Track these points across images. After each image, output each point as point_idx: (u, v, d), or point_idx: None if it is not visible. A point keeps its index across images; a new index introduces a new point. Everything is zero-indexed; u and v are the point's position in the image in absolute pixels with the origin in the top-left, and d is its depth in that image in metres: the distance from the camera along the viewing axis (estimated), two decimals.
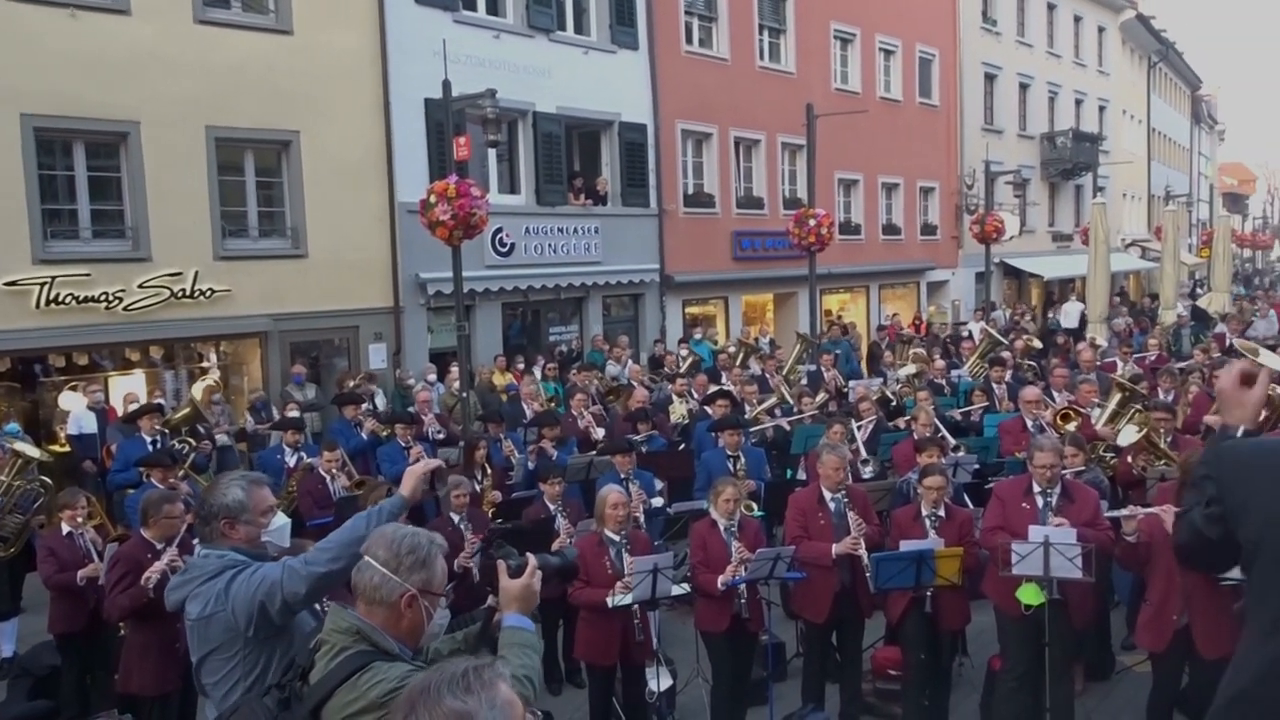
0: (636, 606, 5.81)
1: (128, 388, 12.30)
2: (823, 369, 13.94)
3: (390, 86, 14.39)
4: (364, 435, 10.09)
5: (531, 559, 2.90)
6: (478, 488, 8.45)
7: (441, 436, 10.68)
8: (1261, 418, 7.40)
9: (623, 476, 7.98)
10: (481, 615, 3.04)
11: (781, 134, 20.96)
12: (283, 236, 13.76)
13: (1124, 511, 5.84)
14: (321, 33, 13.67)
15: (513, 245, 16.01)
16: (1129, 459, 7.96)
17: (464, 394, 11.29)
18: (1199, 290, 31.52)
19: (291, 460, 9.26)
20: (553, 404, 12.11)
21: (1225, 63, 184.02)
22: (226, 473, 3.82)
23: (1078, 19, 33.80)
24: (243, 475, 3.49)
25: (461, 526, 6.78)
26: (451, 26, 14.90)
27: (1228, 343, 14.11)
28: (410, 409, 11.32)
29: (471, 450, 8.92)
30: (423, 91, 14.38)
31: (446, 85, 11.73)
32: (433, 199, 10.66)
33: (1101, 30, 35.57)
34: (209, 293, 12.67)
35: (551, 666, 7.06)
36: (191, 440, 9.49)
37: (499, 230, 15.59)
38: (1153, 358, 14.37)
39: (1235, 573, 2.47)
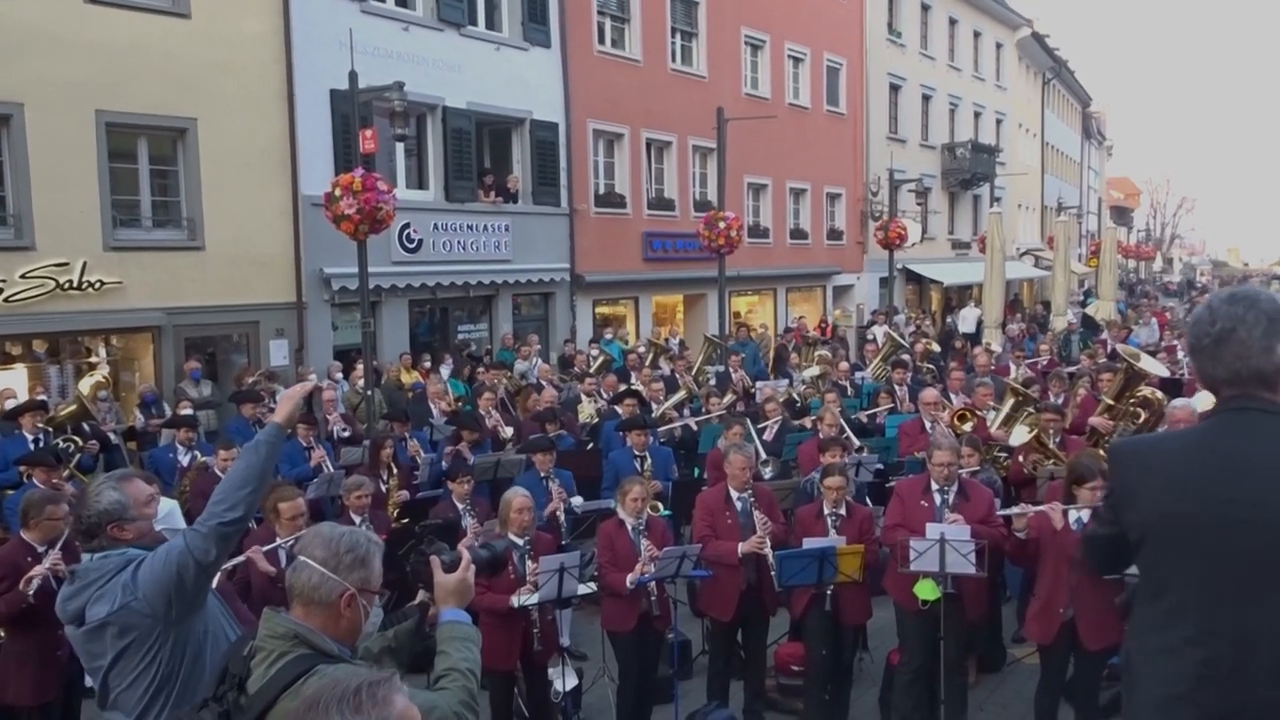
0: (536, 609, 5.77)
1: (7, 383, 11.68)
2: (730, 370, 14.09)
3: (294, 76, 14.01)
4: None
5: (465, 553, 2.89)
6: (383, 487, 8.31)
7: (346, 434, 10.45)
8: (1141, 419, 7.74)
9: (543, 475, 7.94)
10: (414, 612, 3.00)
11: (693, 136, 21.15)
12: (178, 227, 13.28)
13: (1015, 509, 6.05)
14: (222, 18, 13.23)
15: (421, 241, 15.77)
16: (1020, 458, 8.27)
17: (368, 392, 11.07)
18: (1087, 299, 32.92)
19: (185, 459, 8.95)
20: (460, 403, 11.95)
21: (1113, 82, 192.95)
22: (91, 481, 3.65)
23: (977, 34, 34.99)
24: (107, 476, 3.35)
25: (364, 527, 6.64)
26: (359, 17, 14.60)
27: (1110, 348, 14.74)
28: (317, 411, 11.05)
29: (377, 449, 8.75)
30: (328, 82, 14.06)
31: (353, 76, 11.50)
32: (338, 192, 10.43)
33: (999, 46, 36.88)
34: (98, 284, 12.14)
35: None
36: (77, 439, 9.07)
37: (407, 226, 15.33)
38: (1044, 362, 14.92)
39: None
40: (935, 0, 31.68)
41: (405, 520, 7.86)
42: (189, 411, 10.47)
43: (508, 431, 10.22)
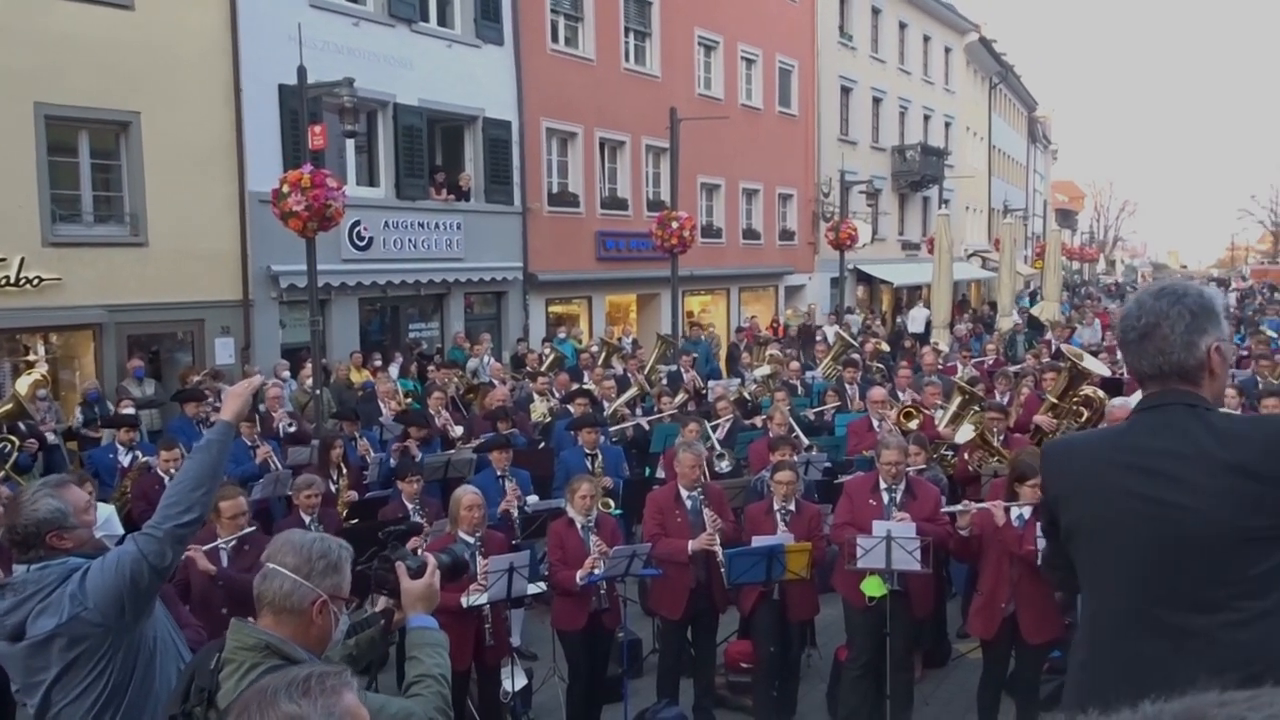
0: (488, 607, 5.76)
1: None
2: (682, 369, 14.14)
3: (241, 70, 13.79)
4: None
5: (430, 558, 2.88)
6: (333, 487, 8.22)
7: (293, 431, 10.32)
8: (1084, 417, 7.89)
9: (499, 474, 7.93)
10: (376, 619, 2.97)
11: (646, 136, 21.18)
12: (121, 223, 13.00)
13: (958, 507, 6.17)
14: (166, 9, 12.97)
15: (371, 239, 15.61)
16: (965, 456, 8.42)
17: (317, 391, 10.94)
18: (1033, 299, 33.53)
19: (126, 460, 8.76)
20: (409, 400, 11.85)
21: (1058, 87, 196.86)
22: (21, 489, 3.54)
23: (927, 39, 35.47)
24: (42, 482, 3.25)
25: (312, 526, 6.57)
26: (308, 11, 14.41)
27: (1054, 348, 15.04)
28: (262, 406, 10.89)
29: (326, 449, 8.66)
30: (277, 77, 13.85)
31: (302, 71, 11.35)
32: (286, 189, 10.30)
33: (948, 51, 37.43)
34: (36, 281, 11.85)
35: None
36: (13, 439, 8.84)
37: (357, 223, 15.17)
38: (990, 362, 15.19)
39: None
40: (885, 4, 32.06)
41: (355, 520, 7.78)
42: (130, 411, 10.27)
43: (457, 430, 10.16)
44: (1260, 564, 2.23)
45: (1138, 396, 8.80)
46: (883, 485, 6.34)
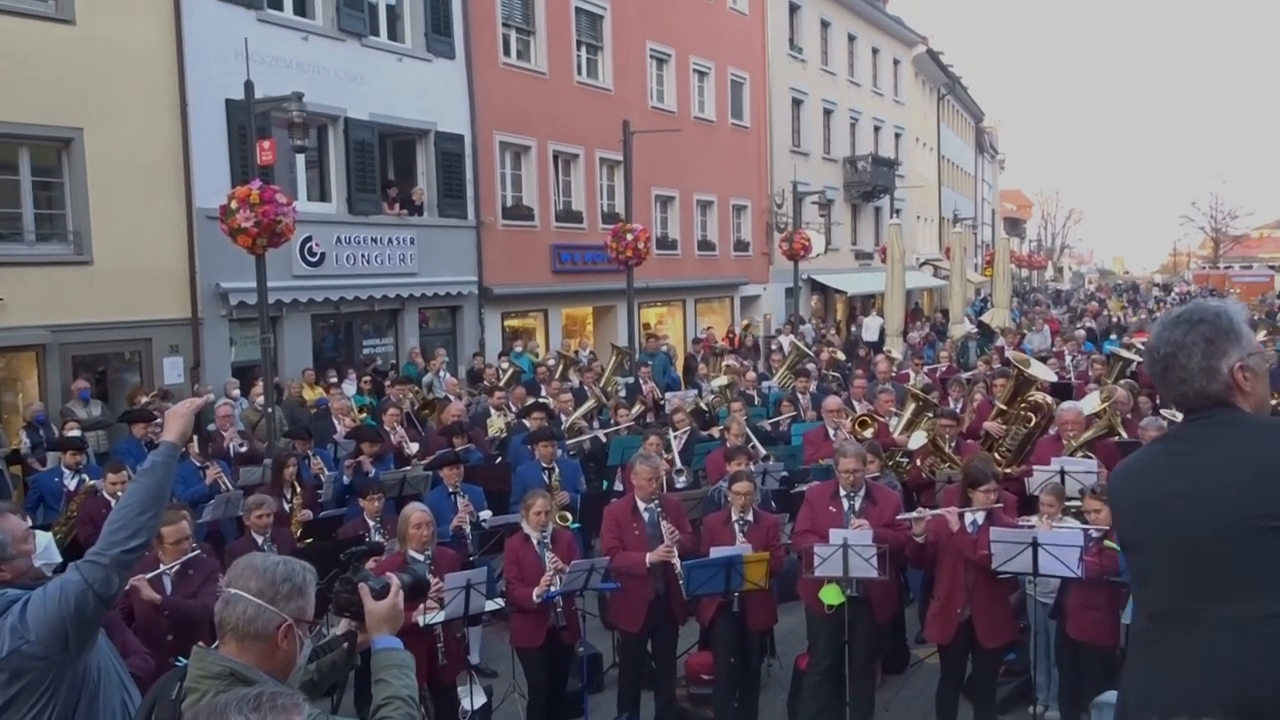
0: (439, 626, 5.69)
1: None
2: (641, 381, 14.15)
3: (187, 85, 13.59)
4: None
5: (393, 578, 2.85)
6: (286, 506, 8.09)
7: (245, 450, 10.15)
8: (1032, 423, 7.98)
9: (451, 490, 7.87)
10: (339, 643, 2.92)
11: (600, 149, 21.21)
12: (64, 241, 12.72)
13: (913, 514, 6.24)
14: (108, 24, 12.75)
15: (323, 255, 15.44)
16: (918, 462, 8.51)
17: (268, 409, 10.79)
18: (984, 307, 34.06)
19: (72, 483, 8.55)
20: (364, 416, 11.72)
21: (1004, 98, 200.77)
22: None
23: (875, 51, 35.98)
24: None
25: (265, 547, 6.47)
26: (255, 25, 14.24)
27: (1005, 354, 15.28)
28: (211, 425, 10.71)
29: (279, 468, 8.52)
30: (223, 92, 13.68)
31: (249, 86, 11.22)
32: (234, 205, 10.18)
33: (897, 63, 38.00)
34: None
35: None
36: None
37: (308, 239, 15.00)
38: (943, 369, 15.39)
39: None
40: (834, 17, 32.47)
41: (309, 540, 7.67)
42: (76, 433, 10.04)
43: (413, 447, 10.07)
44: None
45: (1088, 401, 8.98)
46: (842, 492, 6.39)
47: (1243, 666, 2.24)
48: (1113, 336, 21.47)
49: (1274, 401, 10.12)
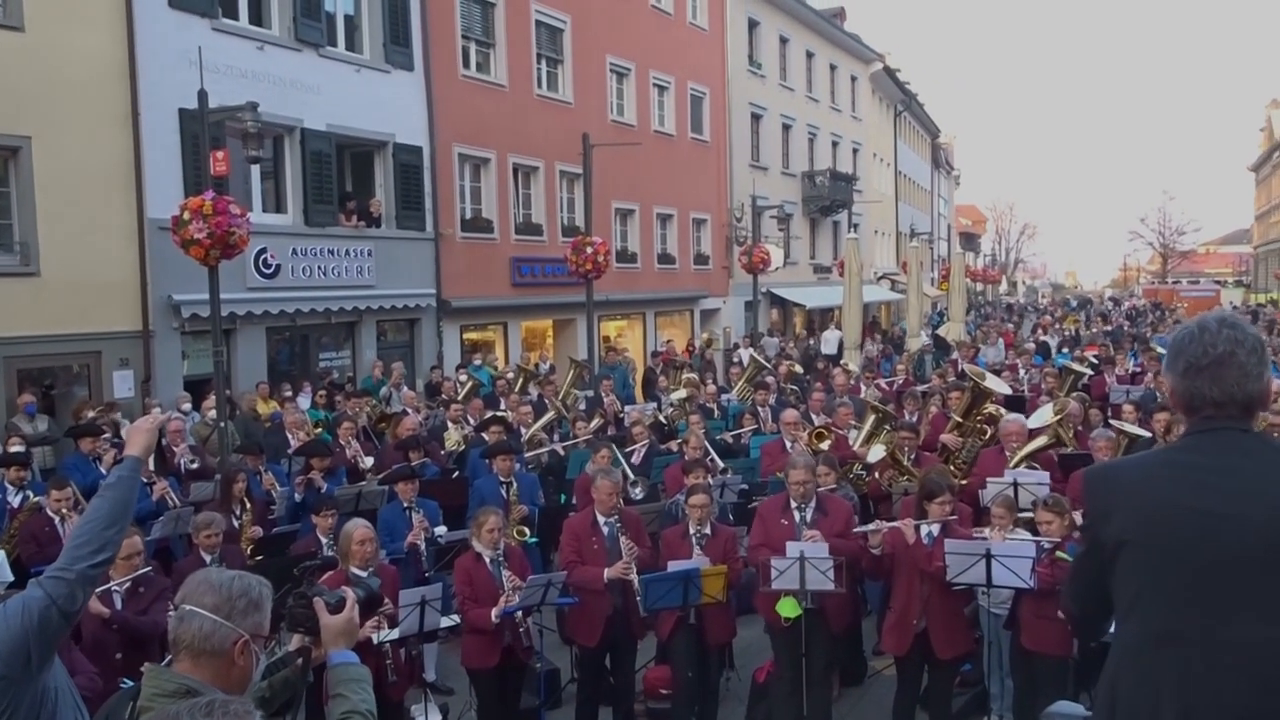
0: (389, 644, 5.61)
1: None
2: (603, 394, 14.11)
3: (139, 94, 13.37)
4: (103, 470, 9.23)
5: (349, 592, 2.82)
6: (236, 523, 7.95)
7: (195, 467, 9.96)
8: (988, 435, 8.03)
9: (405, 505, 7.78)
10: (293, 658, 2.86)
11: (560, 162, 21.21)
12: (10, 252, 12.43)
13: (870, 526, 6.27)
14: (59, 32, 12.52)
15: (279, 267, 15.24)
16: (877, 475, 8.57)
17: (221, 423, 10.60)
18: (940, 320, 34.48)
19: (15, 500, 8.33)
20: (319, 431, 11.56)
21: (959, 115, 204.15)
22: None
23: (833, 67, 36.41)
24: None
25: (215, 565, 6.34)
26: (209, 34, 14.06)
27: (960, 368, 15.46)
28: (162, 440, 10.48)
29: (229, 483, 8.37)
30: (177, 101, 13.48)
31: (202, 96, 11.08)
32: (186, 216, 10.03)
33: (854, 79, 38.48)
34: None
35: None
36: None
37: (263, 251, 14.81)
38: (900, 382, 15.54)
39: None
40: (793, 34, 32.82)
41: (260, 558, 7.54)
42: (20, 448, 9.78)
43: (367, 461, 9.95)
44: None
45: (1046, 413, 9.05)
46: (793, 505, 6.41)
47: (1254, 688, 2.23)
48: (1064, 350, 21.85)
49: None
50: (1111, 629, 2.58)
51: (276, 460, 10.01)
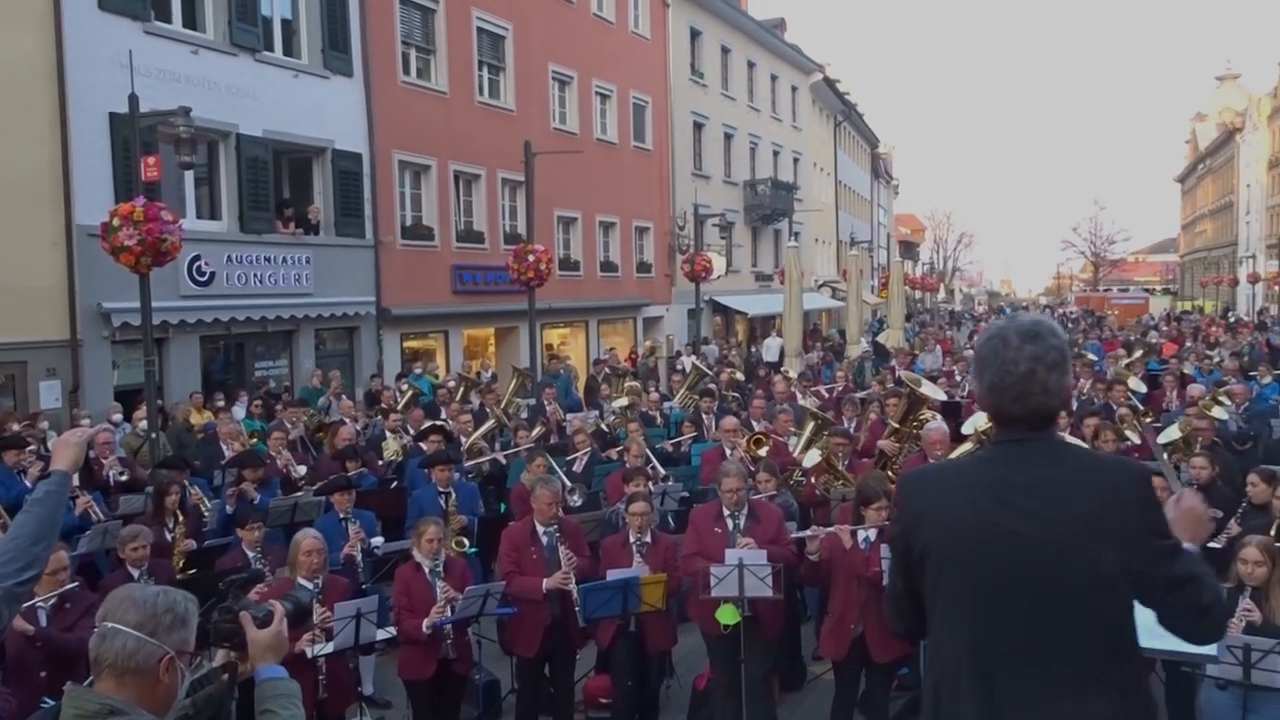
0: (322, 659, 5.52)
1: None
2: (545, 402, 14.07)
3: (68, 97, 13.03)
4: (28, 484, 8.94)
5: (278, 605, 2.77)
6: (169, 536, 7.76)
7: (124, 479, 9.69)
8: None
9: (341, 516, 7.67)
10: (217, 675, 2.79)
11: (502, 170, 21.12)
12: None
13: (807, 532, 6.33)
14: None
15: (213, 274, 14.94)
16: (812, 481, 8.66)
17: (152, 434, 10.35)
18: (880, 327, 34.98)
19: None
20: (254, 441, 11.35)
21: (899, 126, 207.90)
22: None
23: (774, 78, 36.81)
24: None
25: (141, 581, 6.19)
26: (141, 37, 13.77)
27: (897, 374, 15.70)
28: (92, 452, 10.19)
29: (161, 496, 8.16)
30: (107, 105, 13.17)
31: (133, 100, 10.83)
32: (116, 222, 9.80)
33: (795, 90, 38.95)
34: None
35: None
36: None
37: (197, 258, 14.51)
38: (840, 389, 15.73)
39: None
40: (734, 44, 33.12)
41: (193, 571, 7.37)
42: None
43: (300, 470, 9.78)
44: (1107, 611, 2.29)
45: (980, 419, 9.19)
46: (726, 512, 6.45)
47: (1068, 708, 2.27)
48: None
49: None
50: None
51: (210, 472, 9.80)
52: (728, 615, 6.03)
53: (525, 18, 22.30)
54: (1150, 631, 2.45)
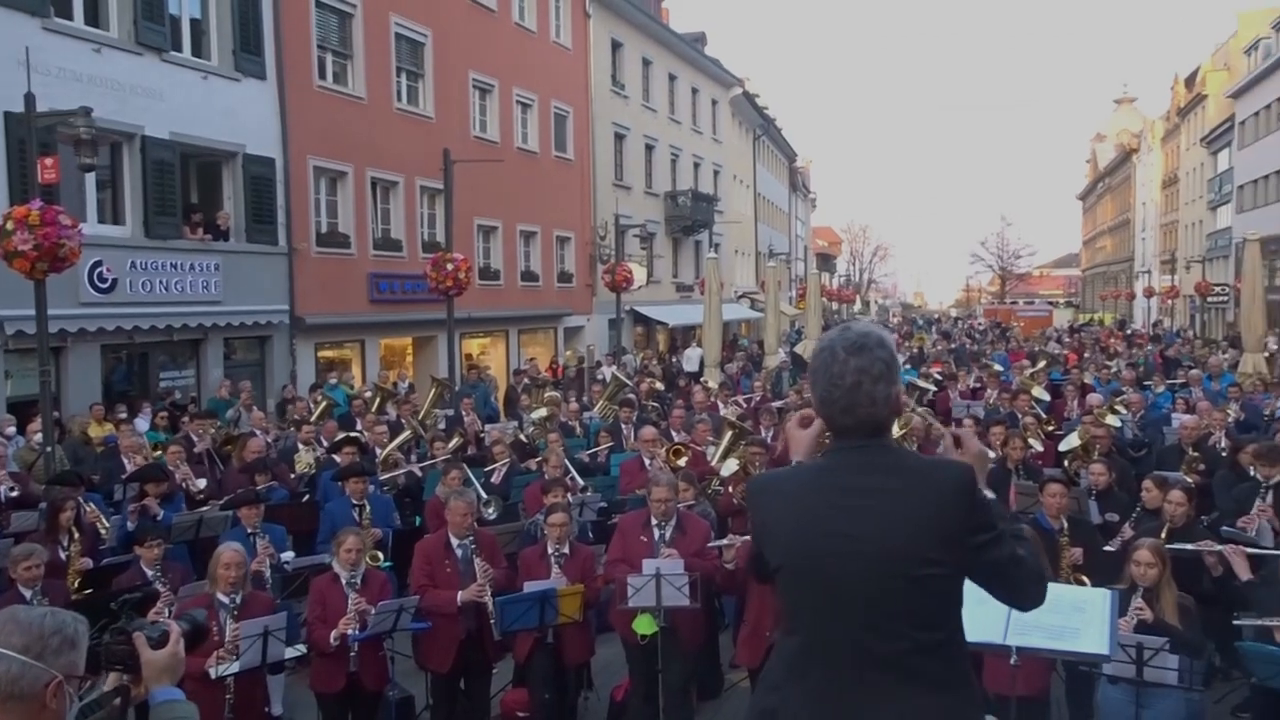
0: (231, 678, 5.35)
1: None
2: (463, 413, 13.90)
3: None
4: None
5: (174, 625, 2.66)
6: (64, 555, 7.43)
7: (15, 495, 9.24)
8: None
9: (249, 531, 7.44)
10: (109, 699, 2.66)
11: (420, 177, 20.86)
12: None
13: (724, 541, 6.37)
14: None
15: (115, 281, 14.39)
16: (729, 489, 8.73)
17: (47, 448, 9.92)
18: (798, 337, 35.49)
19: None
20: (159, 454, 10.95)
21: (816, 140, 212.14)
22: None
23: (695, 91, 37.17)
24: None
25: (34, 601, 5.91)
26: (40, 34, 13.24)
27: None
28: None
29: (55, 512, 7.81)
30: (2, 104, 12.60)
31: (30, 99, 10.40)
32: (10, 226, 9.38)
33: (715, 103, 39.39)
34: None
35: None
36: None
37: (98, 264, 13.96)
38: (757, 399, 15.90)
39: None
40: (655, 56, 33.35)
41: (89, 591, 7.06)
42: None
43: (199, 484, 9.47)
44: (932, 609, 2.38)
45: (893, 428, 9.36)
46: (654, 522, 6.46)
47: (898, 706, 2.35)
48: (908, 366, 22.82)
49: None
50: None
51: (110, 486, 9.42)
52: (645, 625, 6.04)
53: (445, 25, 22.10)
54: (1025, 624, 2.50)
